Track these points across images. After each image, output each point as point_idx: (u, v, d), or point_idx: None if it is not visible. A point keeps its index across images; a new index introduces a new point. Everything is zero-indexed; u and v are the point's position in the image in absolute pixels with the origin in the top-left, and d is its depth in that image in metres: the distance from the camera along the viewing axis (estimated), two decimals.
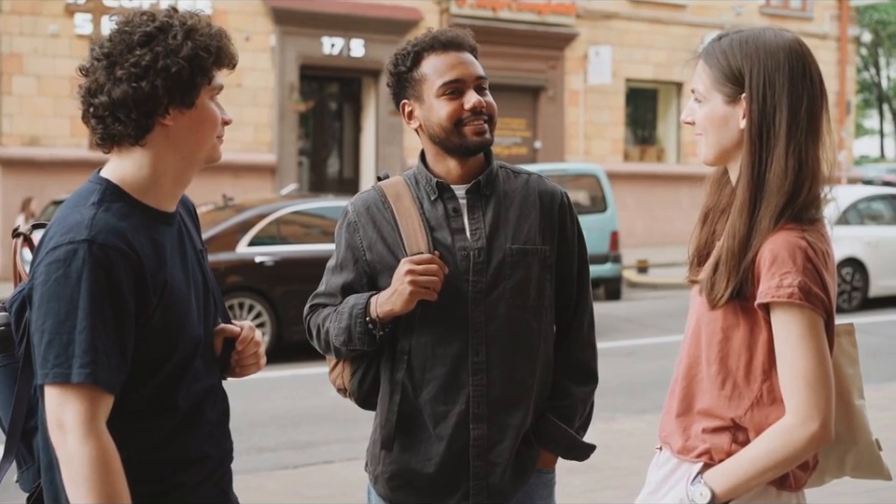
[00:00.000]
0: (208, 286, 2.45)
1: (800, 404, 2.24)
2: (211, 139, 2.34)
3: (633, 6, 24.60)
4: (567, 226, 2.90)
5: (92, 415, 2.11)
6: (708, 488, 2.30)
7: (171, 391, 2.31)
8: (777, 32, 2.38)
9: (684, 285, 2.57)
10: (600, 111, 24.24)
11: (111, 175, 2.30)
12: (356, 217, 2.87)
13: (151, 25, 2.26)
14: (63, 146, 18.61)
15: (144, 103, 2.22)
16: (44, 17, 18.58)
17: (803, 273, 2.22)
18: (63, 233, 2.17)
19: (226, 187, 16.75)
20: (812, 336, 2.24)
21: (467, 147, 2.79)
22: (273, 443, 7.88)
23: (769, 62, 2.32)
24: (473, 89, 2.79)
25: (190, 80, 2.25)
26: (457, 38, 2.83)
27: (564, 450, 2.91)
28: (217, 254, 11.05)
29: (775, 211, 2.28)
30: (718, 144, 2.39)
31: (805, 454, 2.27)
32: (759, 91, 2.31)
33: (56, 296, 2.13)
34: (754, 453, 2.28)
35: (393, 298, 2.71)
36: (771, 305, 2.26)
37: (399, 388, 2.81)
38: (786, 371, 2.26)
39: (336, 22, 20.94)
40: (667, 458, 2.46)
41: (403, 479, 2.85)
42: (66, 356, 2.10)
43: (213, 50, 2.28)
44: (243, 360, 2.50)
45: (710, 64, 2.38)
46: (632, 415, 8.29)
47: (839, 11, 27.36)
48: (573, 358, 2.93)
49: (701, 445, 2.37)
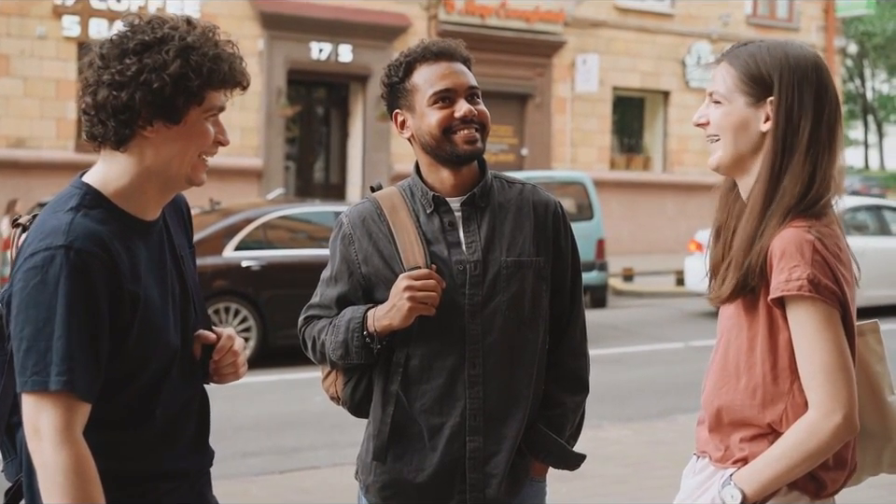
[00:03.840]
0: (188, 293, 2.42)
1: (822, 398, 2.25)
2: (191, 156, 2.28)
3: (620, 14, 24.65)
4: (560, 236, 2.90)
5: (68, 423, 2.09)
6: (739, 489, 2.32)
7: (148, 402, 2.30)
8: (801, 45, 2.42)
9: (669, 293, 2.59)
10: (587, 119, 24.29)
11: (93, 179, 2.28)
12: (350, 228, 2.85)
13: (151, 35, 2.22)
14: (48, 147, 18.55)
15: (121, 112, 2.20)
16: (31, 18, 18.51)
17: (811, 265, 2.24)
18: (40, 239, 2.16)
19: (212, 191, 16.67)
20: (827, 328, 2.25)
21: (457, 156, 2.78)
22: (259, 448, 7.85)
23: (798, 70, 2.35)
24: (465, 98, 2.78)
25: (172, 99, 2.20)
26: (449, 48, 2.83)
27: (555, 460, 2.91)
28: (203, 258, 11.02)
29: (784, 211, 2.31)
30: (734, 148, 2.40)
31: (831, 447, 2.27)
32: (788, 95, 2.34)
33: (34, 302, 2.12)
34: (781, 450, 2.29)
35: (391, 313, 2.70)
36: (785, 301, 2.28)
37: (392, 400, 2.80)
38: (805, 365, 2.27)
39: (324, 28, 20.93)
40: (705, 466, 2.47)
41: (395, 489, 2.84)
42: (44, 363, 2.09)
43: (203, 73, 2.22)
44: (220, 369, 2.48)
45: (736, 66, 2.39)
46: (618, 423, 8.30)
47: (825, 22, 27.47)
48: (565, 367, 2.92)
49: (739, 454, 2.38)
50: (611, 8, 24.50)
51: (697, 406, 2.54)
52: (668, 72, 25.15)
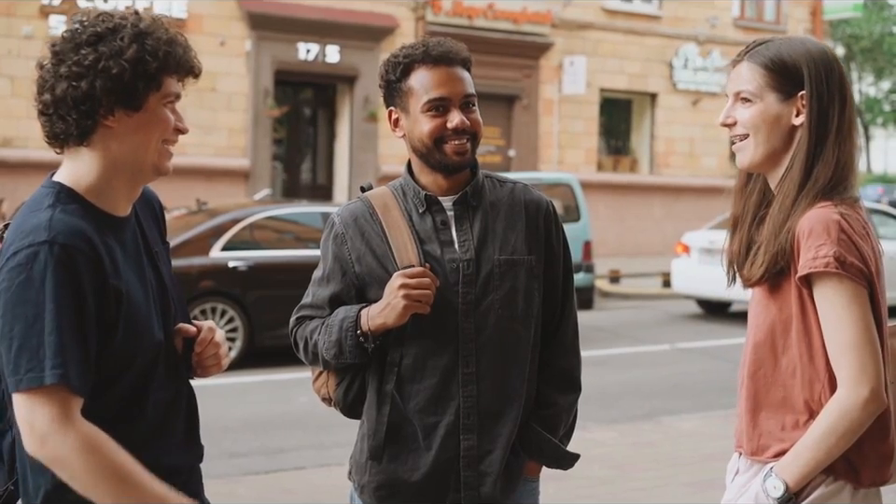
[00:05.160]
0: (165, 287, 2.42)
1: (848, 373, 2.29)
2: (154, 143, 2.29)
3: (608, 16, 24.69)
4: (552, 235, 2.91)
5: (65, 413, 2.08)
6: (780, 480, 2.36)
7: (137, 398, 2.29)
8: (812, 39, 2.52)
9: (656, 295, 2.62)
10: (574, 121, 24.32)
11: (64, 178, 2.28)
12: (343, 228, 2.85)
13: (103, 26, 2.24)
14: (35, 147, 18.39)
15: (82, 102, 2.20)
16: (18, 18, 18.45)
17: (837, 243, 2.29)
18: (22, 238, 2.15)
19: (199, 191, 16.70)
20: (854, 304, 2.30)
21: (446, 166, 2.79)
22: (245, 449, 7.85)
23: (822, 62, 2.45)
24: (459, 106, 2.77)
25: (132, 83, 2.21)
26: (449, 53, 2.80)
27: (549, 459, 2.91)
28: (190, 258, 11.02)
29: (815, 195, 2.38)
30: (768, 144, 2.47)
31: (862, 422, 2.30)
32: (818, 88, 2.42)
33: (21, 300, 2.10)
34: (815, 434, 2.33)
35: (386, 311, 2.70)
36: (812, 279, 2.32)
37: (388, 400, 2.80)
38: (832, 342, 2.32)
39: (312, 28, 20.91)
40: (748, 466, 2.51)
41: (390, 489, 2.84)
42: (38, 359, 2.08)
43: (160, 56, 2.24)
44: (202, 361, 2.48)
45: (762, 65, 2.46)
46: (603, 425, 8.31)
47: (812, 25, 27.56)
48: (557, 367, 2.93)
49: (776, 444, 2.42)
50: (599, 10, 24.54)
51: (683, 408, 2.57)
52: (656, 74, 25.19)
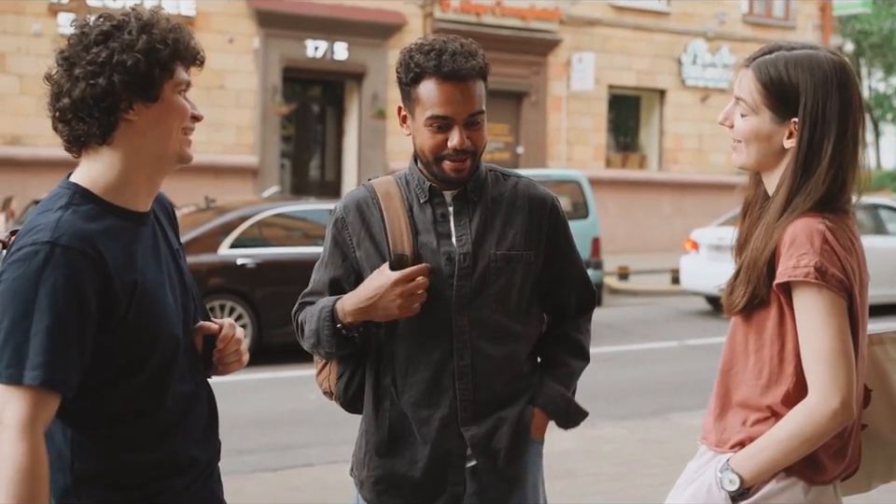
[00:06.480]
0: (186, 285, 2.45)
1: (821, 382, 2.28)
2: (177, 132, 2.32)
3: (616, 13, 24.66)
4: (558, 230, 2.91)
5: (32, 418, 2.09)
6: (736, 474, 2.34)
7: (157, 392, 2.32)
8: (827, 54, 2.42)
9: (665, 292, 2.62)
10: (582, 117, 24.29)
11: (80, 179, 2.30)
12: (344, 213, 2.87)
13: (108, 24, 2.27)
14: (44, 145, 18.48)
15: (103, 99, 2.22)
16: (27, 16, 18.49)
17: (820, 254, 2.28)
18: (28, 235, 2.18)
19: (207, 188, 16.70)
20: (831, 316, 2.28)
21: (442, 180, 2.80)
22: (253, 446, 7.85)
23: (822, 89, 2.37)
24: (463, 124, 2.73)
25: (148, 73, 2.24)
26: (461, 70, 2.70)
27: (560, 413, 2.91)
28: (198, 255, 11.02)
29: (802, 209, 2.36)
30: (758, 155, 2.46)
31: (828, 431, 2.29)
32: (812, 118, 2.37)
33: (15, 295, 2.13)
34: (778, 434, 2.31)
35: (377, 312, 2.72)
36: (792, 287, 2.31)
37: (387, 394, 2.82)
38: (807, 350, 2.30)
39: (320, 25, 20.92)
40: (703, 451, 2.50)
41: (389, 483, 2.85)
42: (19, 357, 2.10)
43: (169, 43, 2.27)
44: (224, 358, 2.51)
45: (762, 81, 2.41)
46: (612, 421, 8.29)
47: (821, 21, 27.49)
48: (571, 337, 2.97)
49: (736, 437, 2.41)
50: (607, 7, 24.50)
51: (692, 405, 2.56)
52: (664, 70, 25.15)
